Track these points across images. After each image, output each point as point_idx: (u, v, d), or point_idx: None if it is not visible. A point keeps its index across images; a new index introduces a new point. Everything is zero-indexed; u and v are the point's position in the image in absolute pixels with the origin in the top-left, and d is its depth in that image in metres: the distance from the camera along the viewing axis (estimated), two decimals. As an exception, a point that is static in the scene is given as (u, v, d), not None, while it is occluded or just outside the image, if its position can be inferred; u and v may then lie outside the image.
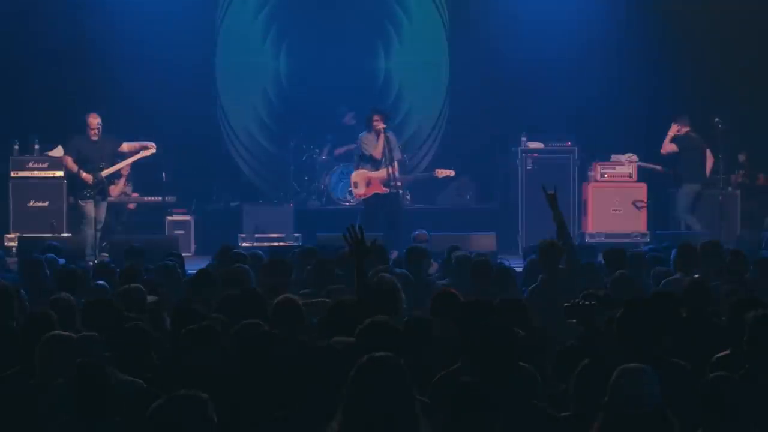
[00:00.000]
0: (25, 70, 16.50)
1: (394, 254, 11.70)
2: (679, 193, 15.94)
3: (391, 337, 5.55)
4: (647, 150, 16.48)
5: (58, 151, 15.33)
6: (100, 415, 5.14)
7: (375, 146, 14.50)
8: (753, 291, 7.77)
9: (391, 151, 14.47)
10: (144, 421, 4.33)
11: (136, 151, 14.92)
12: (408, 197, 17.17)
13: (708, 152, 15.95)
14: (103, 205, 14.69)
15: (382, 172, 14.48)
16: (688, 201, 15.84)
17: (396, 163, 14.55)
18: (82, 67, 16.61)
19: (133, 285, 7.92)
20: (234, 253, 10.42)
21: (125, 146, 14.85)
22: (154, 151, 14.93)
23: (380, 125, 14.46)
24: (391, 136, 14.69)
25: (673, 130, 15.74)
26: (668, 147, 15.81)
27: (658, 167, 16.37)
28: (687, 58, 16.91)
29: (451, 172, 15.19)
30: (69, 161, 14.71)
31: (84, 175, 14.46)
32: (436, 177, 15.29)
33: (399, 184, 14.64)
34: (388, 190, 14.49)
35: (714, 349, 6.37)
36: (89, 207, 14.42)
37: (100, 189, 14.56)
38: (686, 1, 17.07)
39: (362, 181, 14.63)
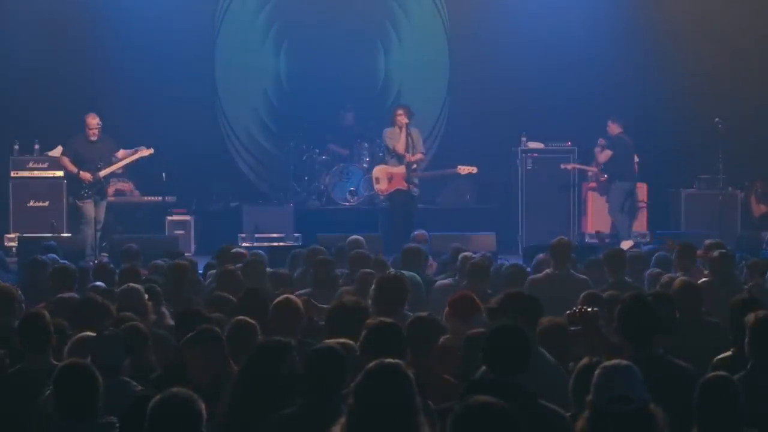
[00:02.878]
0: (25, 70, 16.48)
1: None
2: (611, 190, 16.00)
3: (396, 338, 5.55)
4: (647, 149, 16.49)
5: (57, 151, 15.33)
6: (86, 416, 5.09)
7: (398, 140, 14.47)
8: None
9: (414, 146, 14.46)
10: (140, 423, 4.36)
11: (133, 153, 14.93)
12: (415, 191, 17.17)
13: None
14: (103, 205, 14.66)
15: (403, 168, 14.43)
16: (619, 199, 15.91)
17: (420, 156, 14.52)
18: (82, 67, 16.60)
19: (132, 285, 7.92)
20: (234, 252, 10.44)
21: (121, 153, 14.82)
22: (151, 151, 14.91)
23: (403, 119, 14.44)
24: (414, 131, 14.69)
25: (602, 142, 15.95)
26: (604, 155, 15.90)
27: (593, 168, 16.41)
28: (686, 58, 16.90)
29: (474, 169, 15.11)
30: (66, 161, 14.66)
31: (82, 174, 14.44)
32: (459, 174, 15.27)
33: (416, 181, 14.62)
34: (408, 186, 14.46)
35: (706, 350, 6.40)
36: (88, 207, 14.41)
37: (99, 189, 14.54)
38: (686, 2, 17.08)
39: (384, 177, 14.57)
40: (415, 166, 14.48)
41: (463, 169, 15.03)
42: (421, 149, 14.78)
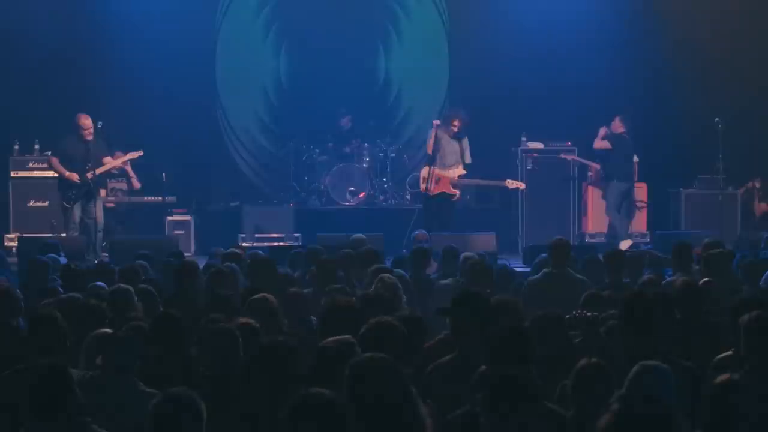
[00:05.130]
0: (25, 70, 16.49)
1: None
2: (608, 190, 16.01)
3: (395, 337, 5.55)
4: (646, 148, 16.50)
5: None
6: (60, 417, 4.98)
7: (429, 140, 14.61)
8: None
9: (462, 153, 14.51)
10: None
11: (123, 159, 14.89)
12: (408, 197, 17.17)
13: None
14: (99, 205, 14.55)
15: (453, 172, 14.48)
16: (616, 199, 15.91)
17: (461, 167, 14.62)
18: (82, 67, 16.60)
19: (123, 285, 7.95)
20: (229, 252, 10.47)
21: (108, 160, 14.75)
22: (140, 153, 14.88)
23: (449, 126, 14.52)
24: (464, 139, 14.69)
25: (603, 131, 15.86)
26: (601, 143, 15.92)
27: (596, 164, 16.45)
28: (686, 58, 16.91)
29: (522, 185, 15.24)
30: (55, 162, 14.57)
31: (68, 174, 14.36)
32: (507, 187, 15.28)
33: (458, 188, 14.68)
34: (456, 191, 14.50)
35: (708, 350, 6.41)
36: (75, 212, 14.35)
37: (86, 190, 14.42)
38: (685, 2, 17.08)
39: (432, 177, 14.61)
40: (464, 172, 14.55)
41: (512, 183, 15.10)
42: (468, 159, 14.75)
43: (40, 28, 16.38)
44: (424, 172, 14.75)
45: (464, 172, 14.61)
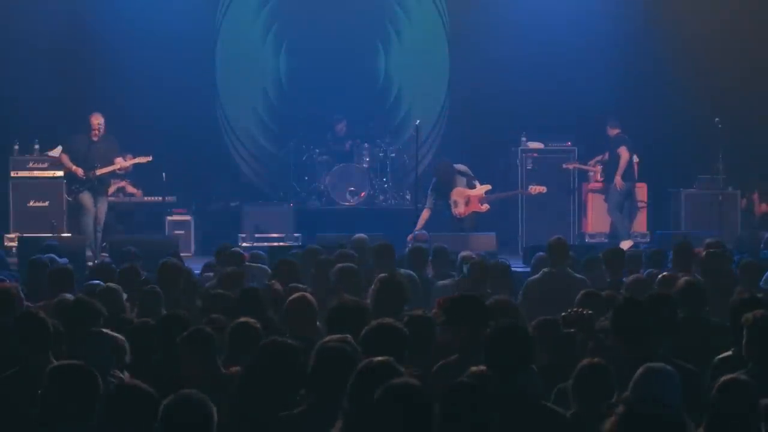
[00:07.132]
0: (25, 70, 16.48)
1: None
2: (610, 190, 15.99)
3: (396, 339, 5.55)
4: (646, 148, 16.49)
5: (57, 151, 15.36)
6: (81, 418, 4.95)
7: (428, 199, 14.70)
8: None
9: (472, 186, 14.58)
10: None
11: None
12: (408, 197, 17.17)
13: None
14: (103, 203, 14.63)
15: (479, 190, 14.52)
16: (618, 199, 15.88)
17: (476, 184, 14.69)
18: (82, 67, 16.61)
19: (110, 284, 7.95)
20: (232, 252, 10.47)
21: (119, 160, 14.81)
22: (150, 159, 14.94)
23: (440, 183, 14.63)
24: (461, 177, 14.71)
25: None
26: (624, 157, 15.77)
27: (593, 168, 16.43)
28: (686, 57, 16.91)
29: (543, 189, 15.35)
30: (65, 159, 14.79)
31: (75, 168, 14.49)
32: (530, 194, 15.49)
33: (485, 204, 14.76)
34: (485, 206, 14.53)
35: (708, 349, 6.41)
36: (85, 198, 14.50)
37: (91, 186, 14.60)
38: (686, 2, 17.08)
39: (461, 200, 14.63)
40: (489, 186, 14.70)
41: (534, 189, 15.29)
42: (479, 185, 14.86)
43: (41, 28, 16.38)
44: (455, 194, 14.70)
45: (489, 186, 14.67)
